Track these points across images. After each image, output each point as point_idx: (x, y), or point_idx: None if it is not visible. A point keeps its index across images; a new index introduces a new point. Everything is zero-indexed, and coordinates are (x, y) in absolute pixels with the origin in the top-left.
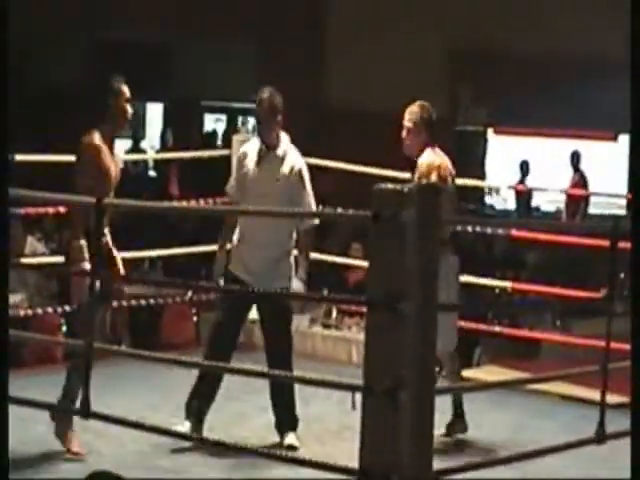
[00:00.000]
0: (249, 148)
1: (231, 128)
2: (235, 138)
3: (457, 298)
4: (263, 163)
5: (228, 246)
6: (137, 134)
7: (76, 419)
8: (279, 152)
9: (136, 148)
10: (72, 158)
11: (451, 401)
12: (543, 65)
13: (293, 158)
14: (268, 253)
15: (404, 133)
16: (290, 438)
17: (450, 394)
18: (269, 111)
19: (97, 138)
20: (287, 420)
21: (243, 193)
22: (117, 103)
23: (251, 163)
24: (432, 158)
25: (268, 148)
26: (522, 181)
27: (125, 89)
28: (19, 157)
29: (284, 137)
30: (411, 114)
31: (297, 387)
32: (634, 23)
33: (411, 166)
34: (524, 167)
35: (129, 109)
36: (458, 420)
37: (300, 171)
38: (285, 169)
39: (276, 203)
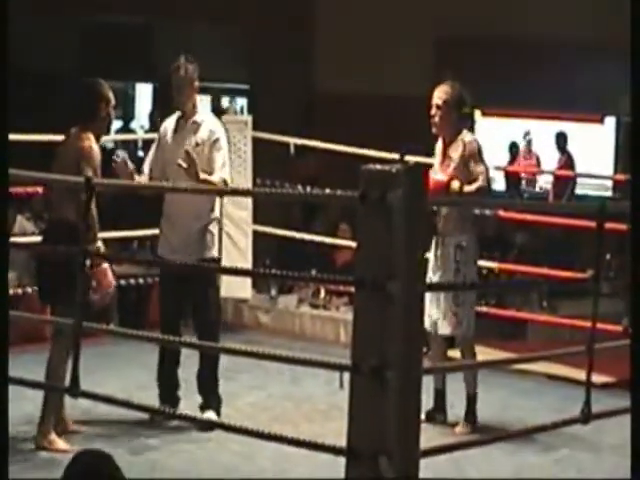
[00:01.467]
0: (169, 122)
1: (215, 108)
2: (223, 119)
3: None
4: (179, 133)
5: None
6: (127, 115)
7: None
8: (195, 120)
9: (126, 128)
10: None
11: (433, 389)
12: (531, 48)
13: (209, 126)
14: (188, 226)
15: (433, 110)
16: (209, 413)
17: (434, 385)
18: (184, 79)
19: (94, 141)
20: (208, 398)
21: (164, 166)
22: (106, 109)
23: (169, 135)
24: (478, 140)
25: (184, 118)
26: (512, 162)
27: (112, 96)
28: (12, 137)
29: (202, 106)
30: (441, 92)
31: (286, 367)
32: (634, 10)
33: (444, 145)
34: (513, 149)
35: (113, 115)
36: (439, 410)
37: (215, 139)
38: (199, 137)
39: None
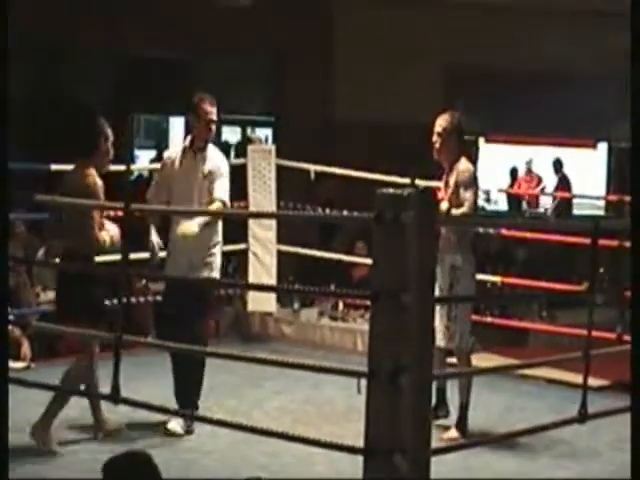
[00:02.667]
0: (173, 152)
1: (245, 139)
2: (250, 148)
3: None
4: (187, 164)
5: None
6: (160, 145)
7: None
8: (205, 153)
9: (159, 158)
10: None
11: (435, 388)
12: (530, 80)
13: (214, 157)
14: (193, 249)
15: (434, 138)
16: (172, 424)
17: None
18: (204, 115)
19: (96, 175)
20: (182, 404)
21: (170, 193)
22: (105, 145)
23: (176, 165)
24: (472, 168)
25: (197, 150)
26: (512, 185)
27: (109, 132)
28: (54, 167)
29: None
30: (441, 120)
31: (308, 374)
32: (634, 23)
33: (446, 171)
34: (514, 173)
35: (111, 152)
36: (441, 405)
37: (219, 167)
38: (207, 167)
39: (198, 198)
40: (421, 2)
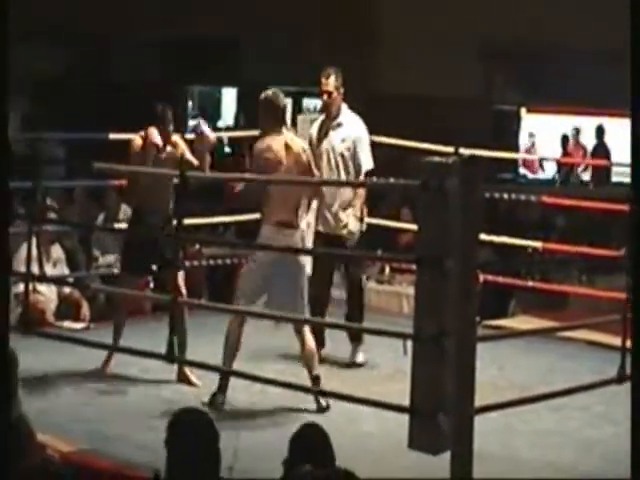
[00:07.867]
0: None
1: (296, 109)
2: (300, 118)
3: None
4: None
5: None
6: (213, 114)
7: None
8: (339, 121)
9: (213, 127)
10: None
11: None
12: (568, 53)
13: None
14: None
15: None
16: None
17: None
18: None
19: (141, 136)
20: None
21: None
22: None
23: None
24: (266, 145)
25: (329, 119)
26: (564, 154)
27: (169, 116)
28: (112, 135)
29: (344, 109)
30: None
31: None
32: (634, 21)
33: None
34: (564, 141)
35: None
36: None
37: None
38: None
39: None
40: None
